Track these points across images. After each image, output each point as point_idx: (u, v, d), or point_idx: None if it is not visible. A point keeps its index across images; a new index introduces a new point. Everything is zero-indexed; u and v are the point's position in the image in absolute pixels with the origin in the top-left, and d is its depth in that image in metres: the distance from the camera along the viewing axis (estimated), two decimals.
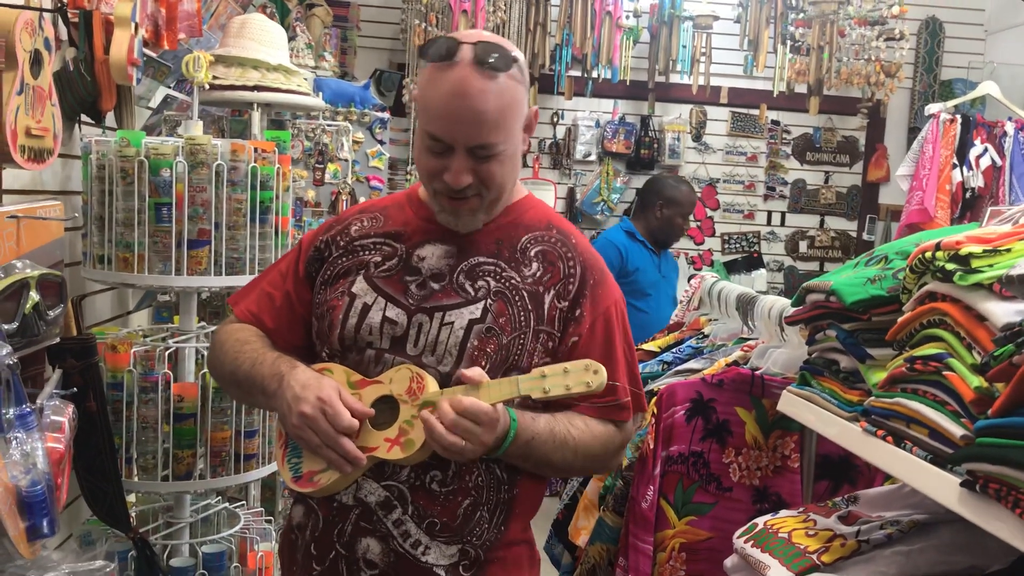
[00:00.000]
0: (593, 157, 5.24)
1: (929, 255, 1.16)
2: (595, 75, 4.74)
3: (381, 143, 3.87)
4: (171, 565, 2.16)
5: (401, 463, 1.36)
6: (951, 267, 1.11)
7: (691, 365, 2.07)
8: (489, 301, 1.40)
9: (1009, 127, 3.97)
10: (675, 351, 2.22)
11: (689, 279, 2.46)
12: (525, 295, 1.42)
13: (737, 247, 5.46)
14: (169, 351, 2.11)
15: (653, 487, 1.81)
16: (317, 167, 3.40)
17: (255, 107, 2.74)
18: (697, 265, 5.41)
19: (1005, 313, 1.02)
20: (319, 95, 3.03)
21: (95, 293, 2.37)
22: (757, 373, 1.84)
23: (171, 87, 2.52)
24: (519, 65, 1.38)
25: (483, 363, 1.36)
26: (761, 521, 1.52)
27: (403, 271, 1.44)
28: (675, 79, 4.93)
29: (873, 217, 5.42)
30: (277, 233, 2.17)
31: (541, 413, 1.38)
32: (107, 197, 1.99)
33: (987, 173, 3.92)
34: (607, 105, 5.24)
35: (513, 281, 1.42)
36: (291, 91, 2.63)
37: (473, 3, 4.30)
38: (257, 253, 2.10)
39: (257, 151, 2.09)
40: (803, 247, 5.49)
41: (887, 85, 4.67)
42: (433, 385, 1.34)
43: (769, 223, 5.48)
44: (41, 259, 1.65)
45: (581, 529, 2.04)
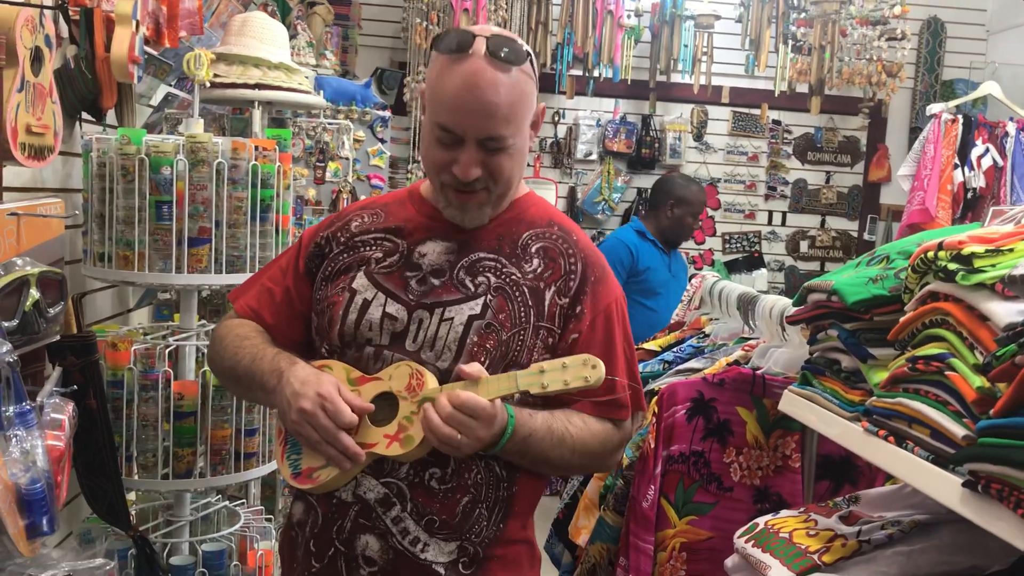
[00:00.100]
0: (594, 156, 5.23)
1: (931, 255, 1.16)
2: (596, 74, 4.74)
3: (382, 141, 3.86)
4: (171, 563, 2.16)
5: (400, 460, 1.35)
6: (953, 267, 1.11)
7: (692, 364, 2.07)
8: (489, 297, 1.40)
9: (1011, 127, 3.96)
10: (676, 350, 2.21)
11: (690, 278, 2.46)
12: (526, 291, 1.41)
13: (738, 247, 5.45)
14: (169, 349, 2.11)
15: (654, 486, 1.80)
16: (318, 165, 3.39)
17: (256, 105, 2.74)
18: (698, 264, 5.40)
19: (1007, 313, 1.02)
20: (320, 93, 3.03)
21: (95, 291, 2.37)
22: (758, 373, 1.84)
23: (172, 85, 2.52)
24: (531, 61, 1.38)
25: (483, 359, 1.36)
26: (762, 521, 1.52)
27: (404, 267, 1.44)
28: (676, 78, 4.93)
29: (874, 217, 5.42)
30: (278, 231, 2.17)
31: (539, 410, 1.38)
32: (108, 195, 1.99)
33: (988, 173, 3.92)
34: (608, 104, 5.23)
35: (514, 277, 1.42)
36: (292, 89, 2.63)
37: (474, 2, 4.30)
38: (258, 251, 2.10)
39: (258, 149, 2.09)
40: (804, 247, 5.48)
41: (888, 85, 4.67)
42: (432, 381, 1.33)
43: (770, 223, 5.48)
44: (41, 257, 1.65)
45: (581, 528, 2.04)
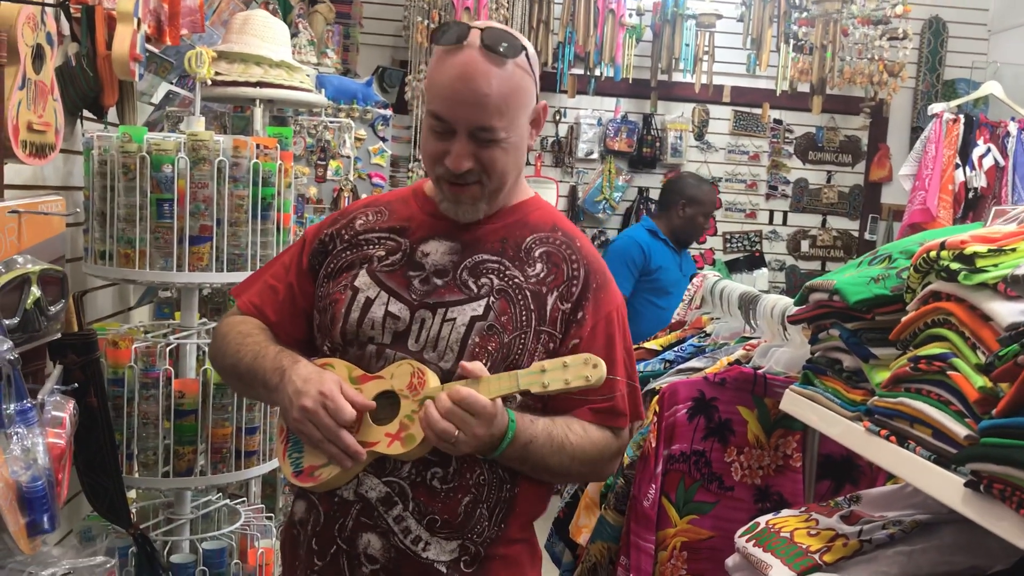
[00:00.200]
0: (595, 155, 5.23)
1: (934, 254, 1.16)
2: (598, 73, 4.74)
3: (383, 140, 3.87)
4: (171, 561, 2.16)
5: (401, 458, 1.35)
6: (956, 266, 1.11)
7: (693, 364, 2.06)
8: (492, 299, 1.40)
9: (1012, 127, 3.96)
10: (677, 350, 2.21)
11: (691, 278, 2.46)
12: (528, 295, 1.41)
13: (739, 246, 5.45)
14: (170, 347, 2.11)
15: (655, 485, 1.80)
16: (319, 164, 3.39)
17: (257, 103, 2.73)
18: (699, 264, 5.40)
19: (1010, 313, 1.02)
20: (321, 92, 3.03)
21: (96, 289, 2.37)
22: (759, 372, 1.84)
23: (173, 83, 2.52)
24: (528, 56, 1.38)
25: (484, 360, 1.36)
26: (763, 520, 1.52)
27: (406, 266, 1.44)
28: (678, 77, 4.93)
29: (875, 217, 5.41)
30: (279, 230, 2.17)
31: (540, 416, 1.39)
32: (109, 193, 1.99)
33: (990, 173, 3.91)
34: (609, 103, 5.23)
35: (516, 280, 1.42)
36: (293, 88, 2.63)
37: (476, 0, 4.30)
38: (259, 250, 2.10)
39: (259, 147, 2.09)
40: (805, 246, 5.48)
41: (890, 84, 4.66)
42: (434, 380, 1.33)
43: (771, 222, 5.48)
44: (42, 254, 1.65)
45: (582, 527, 2.03)
